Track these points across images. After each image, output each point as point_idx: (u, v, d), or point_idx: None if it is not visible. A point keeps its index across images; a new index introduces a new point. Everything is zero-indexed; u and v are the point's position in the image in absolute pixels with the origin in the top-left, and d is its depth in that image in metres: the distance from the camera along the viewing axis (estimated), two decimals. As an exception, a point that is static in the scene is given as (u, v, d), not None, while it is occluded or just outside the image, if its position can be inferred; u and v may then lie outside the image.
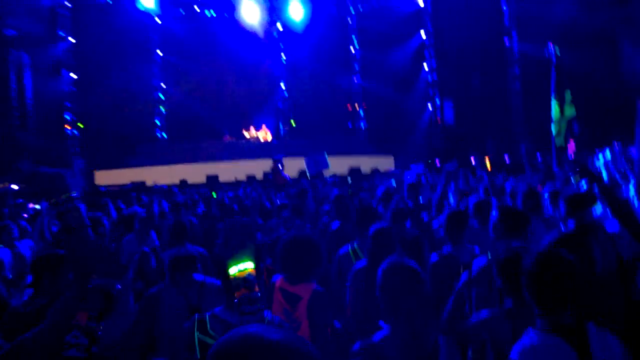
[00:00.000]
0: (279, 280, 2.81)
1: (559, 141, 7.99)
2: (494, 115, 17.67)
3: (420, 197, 6.06)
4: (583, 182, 4.52)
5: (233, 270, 2.32)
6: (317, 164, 12.35)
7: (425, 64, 20.72)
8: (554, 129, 8.11)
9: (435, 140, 20.05)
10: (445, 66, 19.61)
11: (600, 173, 4.15)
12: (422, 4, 20.28)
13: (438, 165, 16.51)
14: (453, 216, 3.58)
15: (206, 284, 2.98)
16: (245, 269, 2.33)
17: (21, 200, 9.55)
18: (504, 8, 18.18)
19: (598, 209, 3.94)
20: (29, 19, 15.91)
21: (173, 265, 2.97)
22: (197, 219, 6.89)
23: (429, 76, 20.66)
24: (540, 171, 8.07)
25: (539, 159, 10.26)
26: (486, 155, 16.07)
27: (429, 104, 20.65)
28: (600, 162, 4.32)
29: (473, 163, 7.86)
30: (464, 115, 18.85)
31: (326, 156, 12.58)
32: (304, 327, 2.66)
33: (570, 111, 8.30)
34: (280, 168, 13.00)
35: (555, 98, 8.31)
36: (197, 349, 2.19)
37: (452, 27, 18.21)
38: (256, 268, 3.60)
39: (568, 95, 8.27)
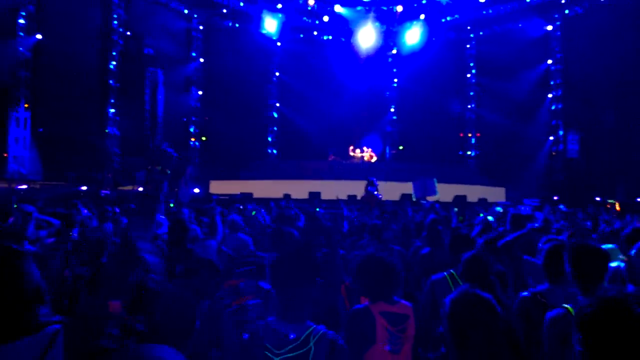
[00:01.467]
0: (371, 306, 2.56)
1: None
2: (628, 154, 15.87)
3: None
4: None
5: None
6: (425, 189, 11.98)
7: (550, 93, 19.20)
8: None
9: (555, 175, 18.32)
10: (573, 96, 18.01)
11: None
12: (550, 28, 18.98)
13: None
14: (554, 251, 3.10)
15: (272, 293, 2.90)
16: None
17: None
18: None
19: None
20: (166, 40, 17.92)
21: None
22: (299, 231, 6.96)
23: (554, 105, 19.05)
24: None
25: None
26: (615, 197, 14.45)
27: (551, 136, 18.99)
28: None
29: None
30: (591, 150, 17.10)
31: (435, 183, 12.14)
32: (407, 347, 2.50)
33: None
34: (373, 189, 12.87)
35: None
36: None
37: (584, 54, 16.82)
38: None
39: None
